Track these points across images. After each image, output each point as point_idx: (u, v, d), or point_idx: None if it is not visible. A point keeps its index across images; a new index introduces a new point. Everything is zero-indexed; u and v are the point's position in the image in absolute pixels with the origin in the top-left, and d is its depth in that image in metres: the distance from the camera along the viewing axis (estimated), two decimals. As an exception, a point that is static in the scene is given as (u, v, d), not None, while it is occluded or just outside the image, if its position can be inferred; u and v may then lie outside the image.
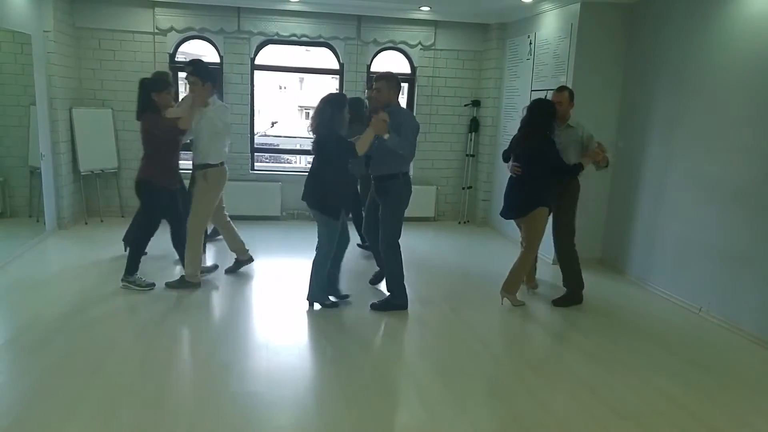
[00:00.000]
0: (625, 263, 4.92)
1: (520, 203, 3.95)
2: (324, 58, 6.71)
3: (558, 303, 4.10)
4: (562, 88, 4.13)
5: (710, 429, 2.57)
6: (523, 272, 4.07)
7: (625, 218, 4.92)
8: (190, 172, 4.22)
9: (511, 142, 4.11)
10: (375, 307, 3.87)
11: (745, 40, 3.71)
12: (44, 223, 5.39)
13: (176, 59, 6.35)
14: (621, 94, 5.00)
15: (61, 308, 3.67)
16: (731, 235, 3.81)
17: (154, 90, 3.95)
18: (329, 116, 3.57)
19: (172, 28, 6.05)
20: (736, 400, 2.86)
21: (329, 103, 3.61)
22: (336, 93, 4.01)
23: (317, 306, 3.84)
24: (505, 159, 4.19)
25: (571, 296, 4.14)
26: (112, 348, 3.14)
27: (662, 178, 4.47)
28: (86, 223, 5.95)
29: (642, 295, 4.47)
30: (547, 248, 5.34)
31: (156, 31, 6.05)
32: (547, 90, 5.41)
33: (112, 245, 5.18)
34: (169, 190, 4.03)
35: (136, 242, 4.13)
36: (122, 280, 4.02)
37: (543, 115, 3.81)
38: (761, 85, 3.58)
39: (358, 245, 5.18)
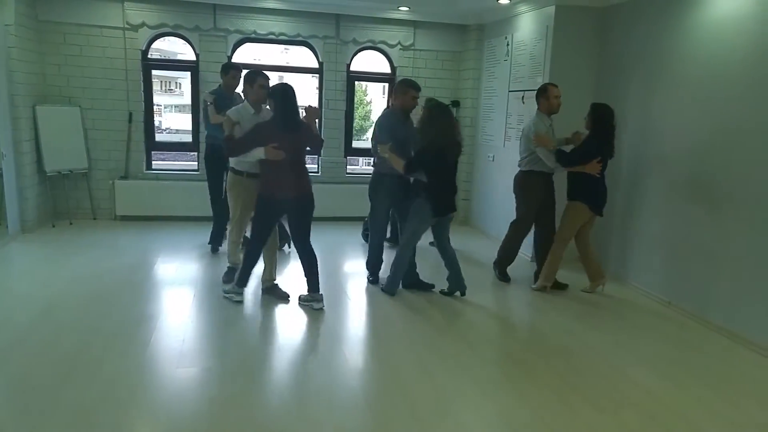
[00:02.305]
0: (601, 259, 4.98)
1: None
2: (303, 56, 6.62)
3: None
4: (555, 85, 4.40)
5: (682, 419, 2.64)
6: None
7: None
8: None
9: (599, 145, 4.07)
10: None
11: (708, 41, 3.86)
12: (6, 227, 5.14)
13: (149, 56, 6.16)
14: (595, 94, 5.06)
15: (26, 316, 3.49)
16: (699, 230, 3.92)
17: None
18: None
19: (143, 24, 5.87)
20: (705, 390, 2.95)
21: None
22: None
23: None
24: (581, 162, 4.11)
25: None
26: (82, 356, 2.99)
27: (635, 176, 4.57)
28: (54, 226, 5.71)
29: (618, 289, 4.55)
30: (526, 246, 5.40)
31: (126, 26, 5.85)
32: (525, 91, 5.46)
33: (81, 249, 5.00)
34: None
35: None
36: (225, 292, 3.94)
37: None
38: (722, 85, 3.73)
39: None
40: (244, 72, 3.96)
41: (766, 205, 3.43)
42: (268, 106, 3.77)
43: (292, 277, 4.39)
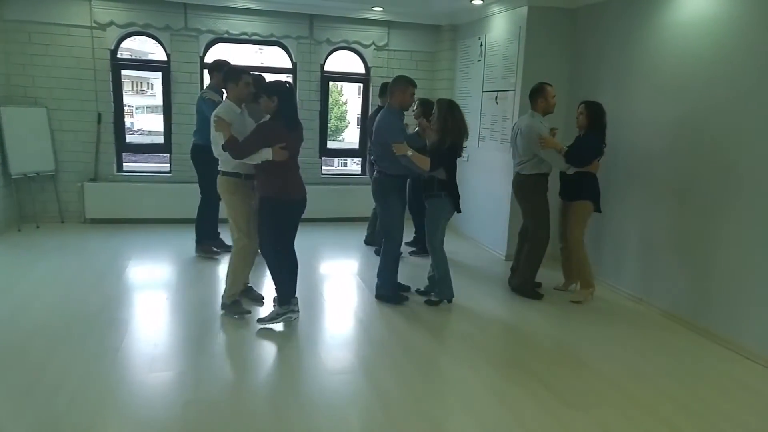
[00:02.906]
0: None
1: None
2: (277, 57, 6.58)
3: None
4: (551, 84, 4.25)
5: (653, 414, 2.70)
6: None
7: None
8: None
9: (601, 142, 4.09)
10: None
11: (676, 42, 3.96)
12: (-30, 231, 4.98)
13: (119, 56, 6.04)
14: (568, 95, 5.15)
15: (-9, 322, 3.38)
16: (668, 227, 4.02)
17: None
18: None
19: (112, 23, 5.75)
20: (675, 385, 3.01)
21: None
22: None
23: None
24: (592, 160, 4.10)
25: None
26: (49, 361, 2.91)
27: (606, 174, 4.63)
28: (20, 230, 5.55)
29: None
30: (499, 244, 5.47)
31: (94, 25, 5.72)
32: (498, 91, 5.53)
33: (48, 252, 4.87)
34: None
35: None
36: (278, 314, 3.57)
37: None
38: (689, 84, 3.84)
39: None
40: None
41: (731, 201, 3.53)
42: (260, 105, 3.46)
43: (267, 279, 4.35)
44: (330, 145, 6.98)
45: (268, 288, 4.09)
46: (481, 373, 3.06)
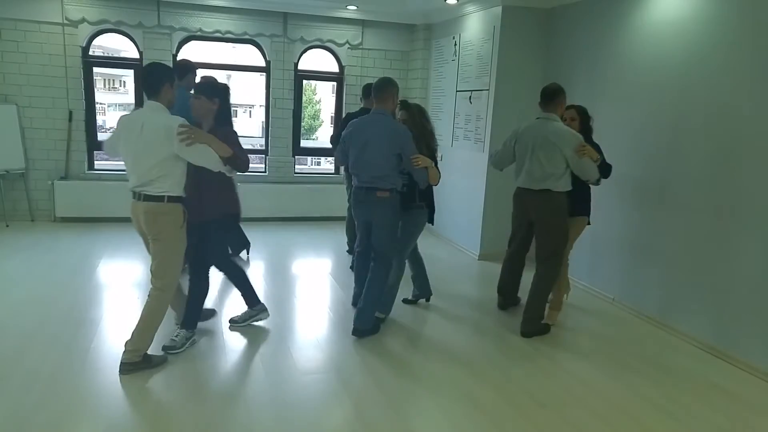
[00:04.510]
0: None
1: None
2: (250, 55, 6.57)
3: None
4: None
5: (624, 412, 2.75)
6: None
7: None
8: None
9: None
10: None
11: (650, 42, 4.02)
12: (-63, 230, 4.90)
13: (90, 53, 5.97)
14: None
15: (-43, 323, 3.35)
16: (637, 229, 4.11)
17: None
18: None
19: (84, 20, 5.68)
20: (646, 384, 3.06)
21: None
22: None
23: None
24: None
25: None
26: (17, 362, 2.91)
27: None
28: (-12, 229, 5.48)
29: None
30: (473, 244, 5.55)
31: (65, 22, 5.65)
32: (472, 91, 5.61)
33: (18, 251, 4.82)
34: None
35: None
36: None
37: None
38: (663, 85, 3.89)
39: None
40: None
41: (701, 203, 3.58)
42: (194, 105, 3.08)
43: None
44: (303, 144, 7.00)
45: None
46: (455, 373, 3.08)
